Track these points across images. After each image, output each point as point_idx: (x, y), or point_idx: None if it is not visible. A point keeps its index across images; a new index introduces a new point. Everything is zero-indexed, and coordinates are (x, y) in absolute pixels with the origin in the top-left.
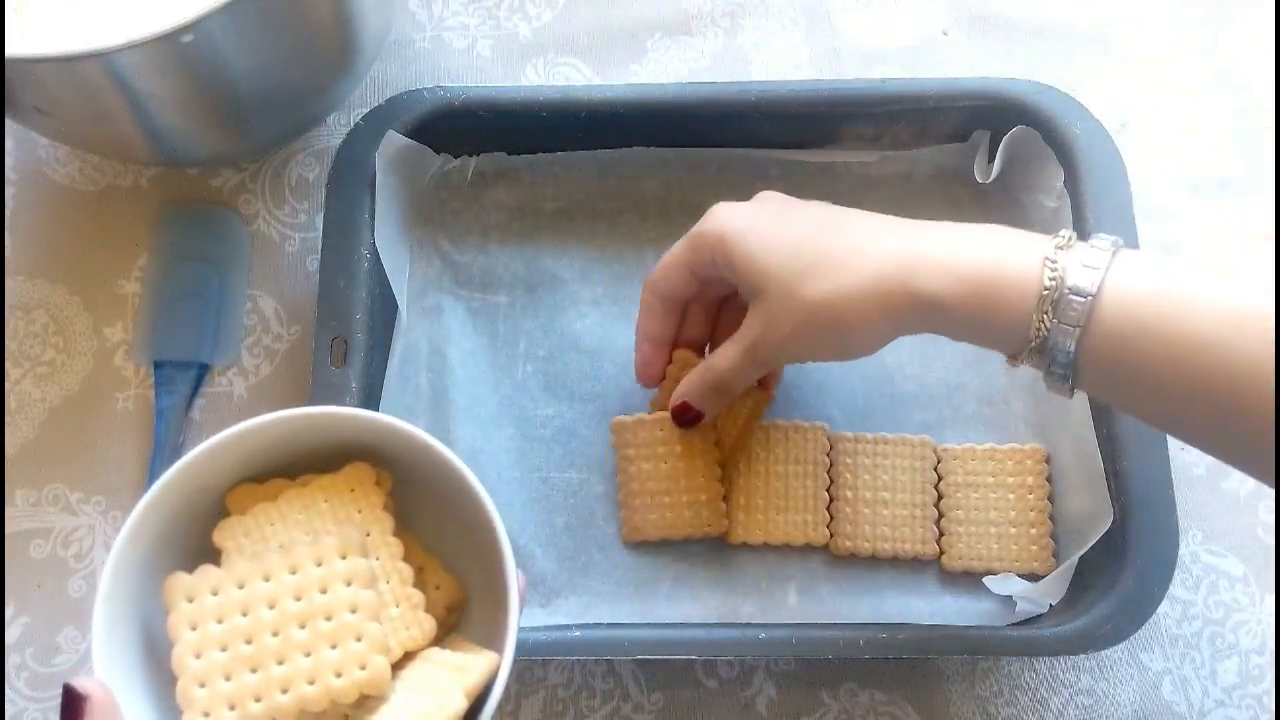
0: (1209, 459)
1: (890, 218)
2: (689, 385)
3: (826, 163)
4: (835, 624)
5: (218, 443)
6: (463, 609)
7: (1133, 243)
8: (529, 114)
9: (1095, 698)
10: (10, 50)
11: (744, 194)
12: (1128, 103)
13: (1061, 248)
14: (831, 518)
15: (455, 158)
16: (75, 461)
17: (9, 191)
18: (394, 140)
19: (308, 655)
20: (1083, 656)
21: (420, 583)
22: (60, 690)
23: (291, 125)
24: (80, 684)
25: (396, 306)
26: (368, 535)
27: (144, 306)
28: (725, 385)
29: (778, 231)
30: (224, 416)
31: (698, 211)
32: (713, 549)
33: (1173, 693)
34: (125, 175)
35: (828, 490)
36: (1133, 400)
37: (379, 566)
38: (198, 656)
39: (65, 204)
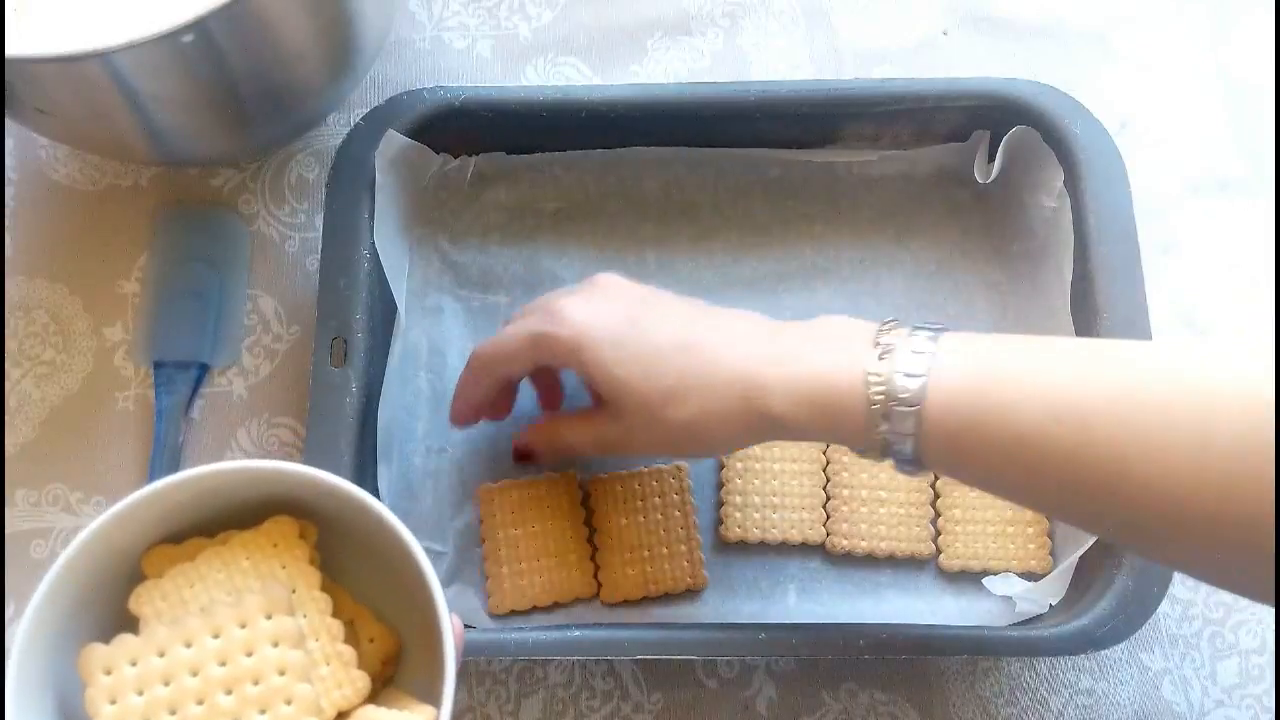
0: None
1: (739, 321)
2: (537, 436)
3: (826, 163)
4: (835, 624)
5: (130, 504)
6: (398, 660)
7: (1133, 243)
8: (529, 114)
9: (1095, 698)
10: (10, 50)
11: (744, 194)
12: (1128, 103)
13: (885, 352)
14: (829, 516)
15: (455, 158)
16: (75, 461)
17: (9, 191)
18: (394, 140)
19: None
20: (1083, 656)
21: (352, 636)
22: None
23: (291, 125)
24: None
25: (396, 306)
26: (293, 592)
27: (144, 306)
28: (571, 454)
29: (635, 350)
30: (224, 416)
31: (698, 211)
32: (713, 549)
33: (1173, 693)
34: (125, 175)
35: (824, 489)
36: (981, 485)
37: (306, 624)
38: None
39: (65, 204)
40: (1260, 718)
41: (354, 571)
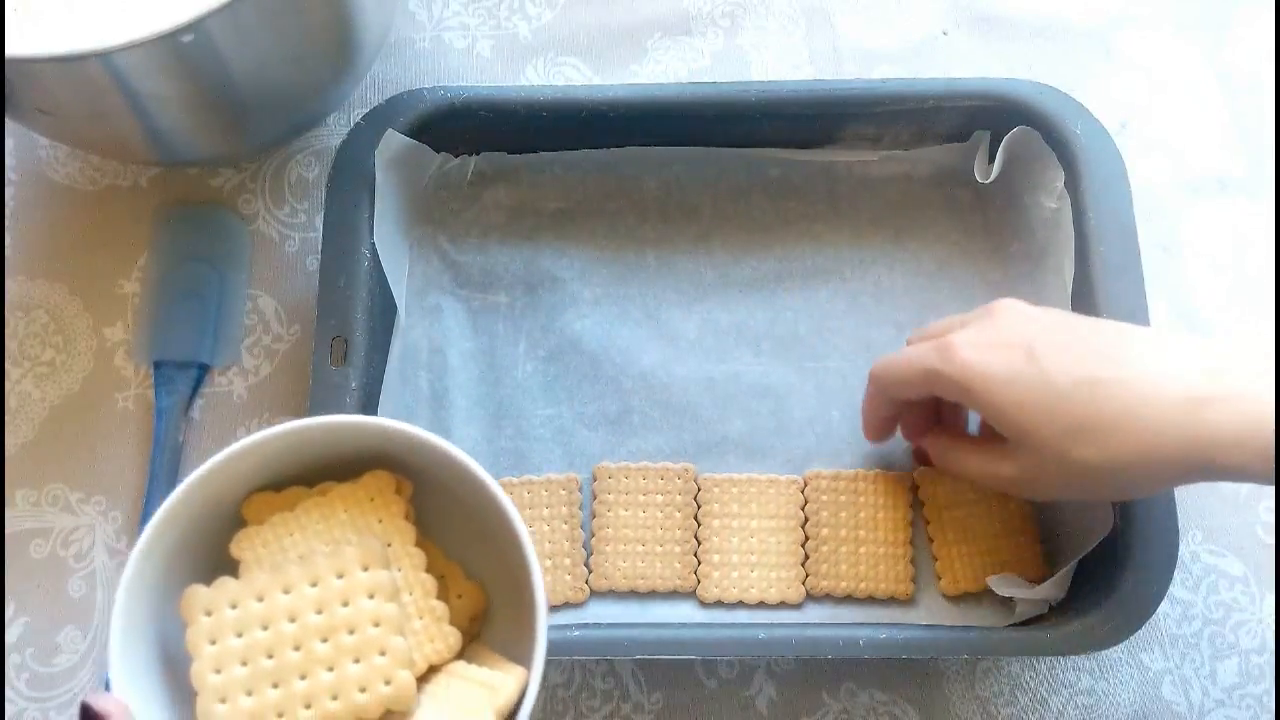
0: None
1: (1158, 349)
2: (933, 447)
3: (826, 163)
4: (835, 624)
5: (235, 452)
6: (485, 618)
7: (1133, 243)
8: (529, 114)
9: (1095, 698)
10: (10, 50)
11: (744, 194)
12: (1128, 103)
13: None
14: (807, 556)
15: (455, 157)
16: (75, 461)
17: (9, 191)
18: (394, 140)
19: (330, 670)
20: (1083, 656)
21: (442, 593)
22: (77, 705)
23: (291, 125)
24: (98, 703)
25: (396, 306)
26: (389, 546)
27: (144, 306)
28: (965, 477)
29: (1032, 389)
30: (224, 416)
31: (698, 212)
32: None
33: (1173, 693)
34: (125, 175)
35: (803, 528)
36: None
37: (401, 578)
38: (217, 672)
39: (65, 204)
40: (1260, 718)
41: (444, 528)
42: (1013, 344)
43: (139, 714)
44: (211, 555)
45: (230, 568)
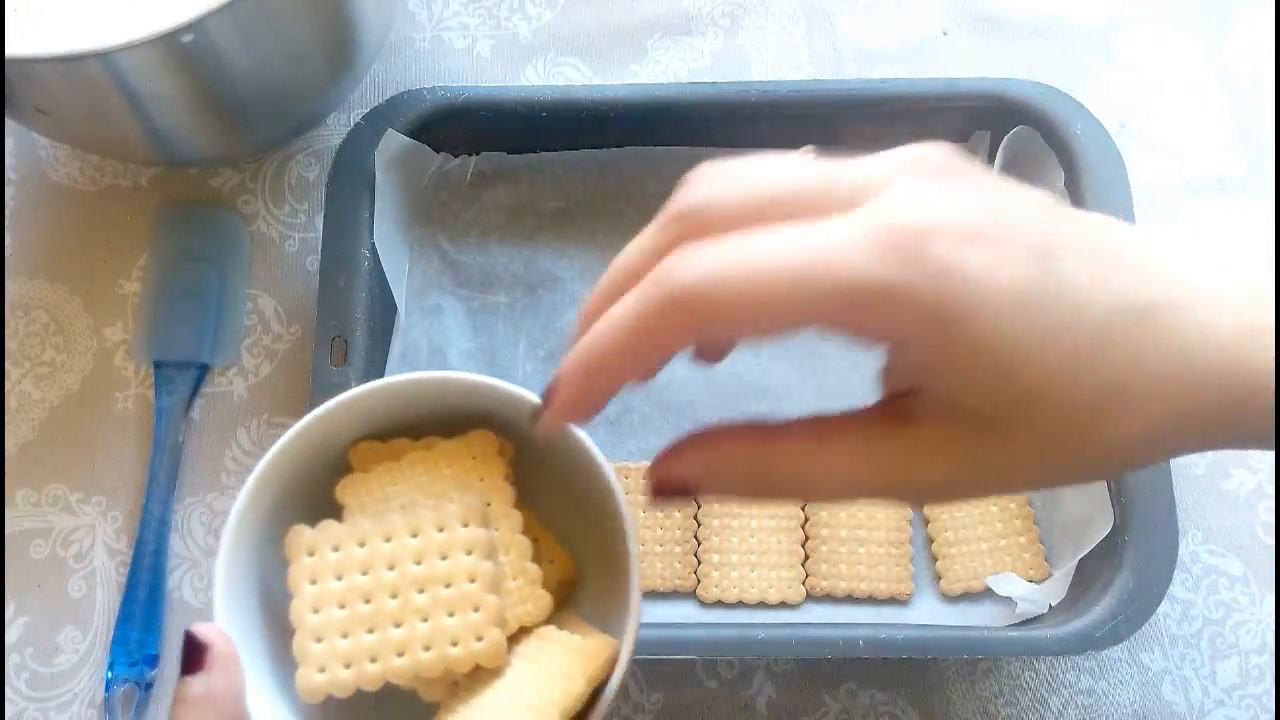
0: (1209, 458)
1: (1194, 248)
2: (721, 464)
3: None
4: (835, 624)
5: (349, 397)
6: (573, 587)
7: None
8: (529, 114)
9: (1095, 698)
10: (10, 50)
11: None
12: (1128, 103)
13: None
14: (807, 556)
15: (455, 157)
16: (75, 461)
17: (9, 191)
18: (394, 140)
19: (425, 621)
20: (1083, 656)
21: (536, 556)
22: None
23: (291, 125)
24: (202, 632)
25: (396, 306)
26: (488, 505)
27: (144, 306)
28: (811, 498)
29: (1054, 317)
30: (224, 416)
31: None
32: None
33: (1173, 693)
34: (125, 175)
35: (803, 527)
36: None
37: (499, 538)
38: (316, 611)
39: (65, 204)
40: (1260, 718)
41: (539, 495)
42: (1008, 229)
43: (239, 646)
44: (316, 499)
45: (333, 512)
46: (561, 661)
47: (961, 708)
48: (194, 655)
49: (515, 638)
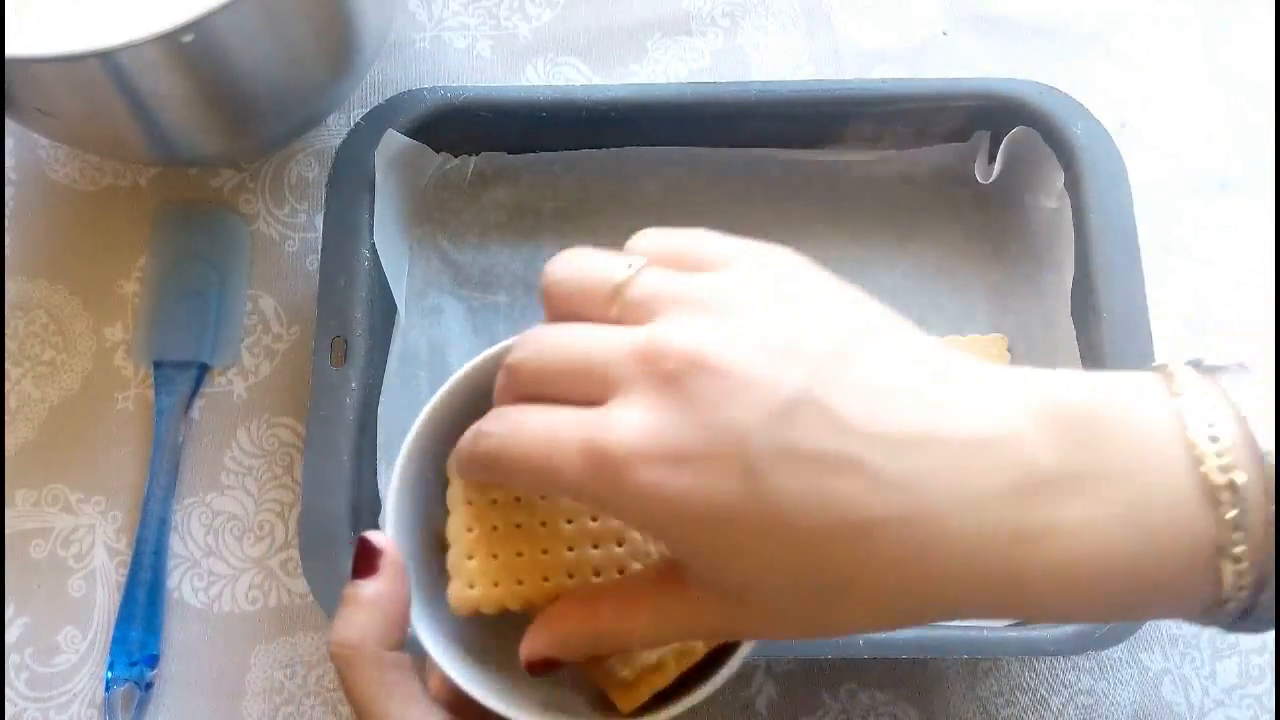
0: None
1: (948, 439)
2: (561, 630)
3: (827, 162)
4: None
5: (494, 352)
6: None
7: (1133, 243)
8: (529, 114)
9: (1095, 698)
10: (10, 50)
11: (743, 194)
12: (1128, 103)
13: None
14: None
15: (455, 157)
16: (75, 461)
17: (9, 191)
18: (394, 139)
19: (596, 548)
20: (1083, 656)
21: None
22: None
23: (291, 125)
24: (376, 539)
25: (396, 306)
26: None
27: (144, 306)
28: (627, 647)
29: (759, 531)
30: (224, 416)
31: (698, 212)
32: None
33: (1173, 693)
34: (125, 175)
35: None
36: None
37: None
38: (470, 530)
39: (65, 204)
40: (1260, 718)
41: None
42: (715, 447)
43: (406, 558)
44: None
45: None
46: None
47: (961, 708)
48: (367, 560)
49: None
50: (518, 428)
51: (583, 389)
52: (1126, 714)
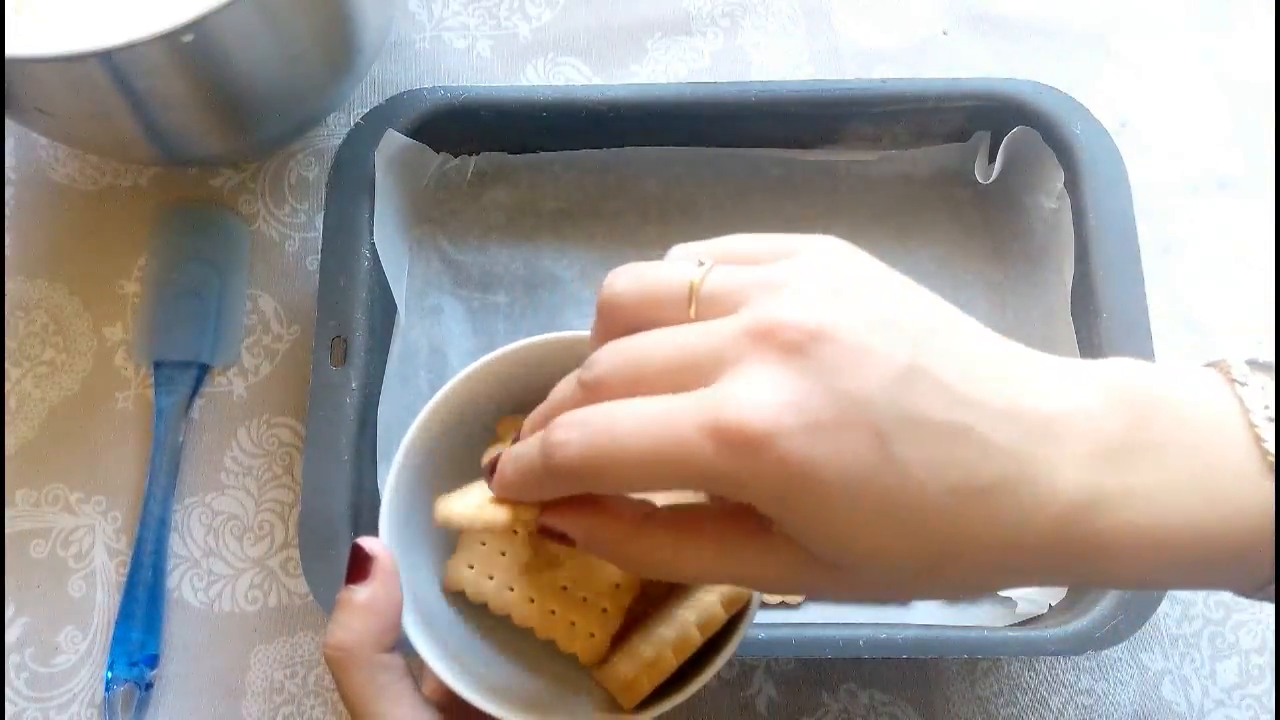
0: None
1: (1059, 428)
2: (594, 529)
3: (826, 162)
4: (835, 624)
5: (499, 354)
6: None
7: (1133, 243)
8: (529, 114)
9: (1095, 698)
10: (10, 50)
11: (743, 194)
12: (1128, 103)
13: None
14: None
15: (455, 157)
16: (75, 461)
17: (9, 191)
18: (394, 139)
19: (565, 589)
20: (1082, 656)
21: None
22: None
23: (291, 125)
24: (369, 544)
25: (396, 306)
26: None
27: (144, 306)
28: (663, 570)
29: (888, 500)
30: (224, 416)
31: (698, 212)
32: None
33: (1173, 693)
34: (125, 175)
35: None
36: None
37: None
38: (483, 544)
39: (65, 204)
40: (1260, 718)
41: None
42: (846, 415)
43: (401, 563)
44: (465, 461)
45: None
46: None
47: (961, 708)
48: (360, 565)
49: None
50: (611, 424)
51: (679, 382)
52: (1126, 714)
